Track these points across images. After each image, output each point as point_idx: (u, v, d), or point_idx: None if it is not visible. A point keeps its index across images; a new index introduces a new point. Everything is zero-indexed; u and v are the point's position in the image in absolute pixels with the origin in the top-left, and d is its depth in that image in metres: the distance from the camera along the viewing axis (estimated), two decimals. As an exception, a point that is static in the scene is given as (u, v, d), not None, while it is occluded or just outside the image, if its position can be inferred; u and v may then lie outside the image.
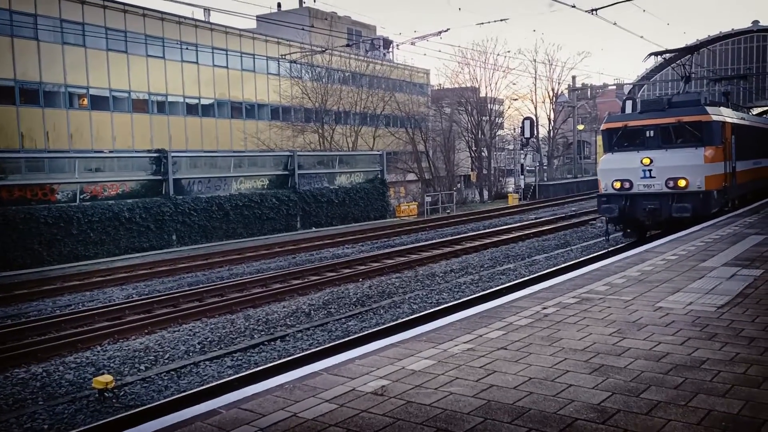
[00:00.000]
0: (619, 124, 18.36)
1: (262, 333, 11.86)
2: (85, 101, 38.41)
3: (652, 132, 17.56)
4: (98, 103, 38.86)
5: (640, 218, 17.67)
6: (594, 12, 19.22)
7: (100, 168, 26.97)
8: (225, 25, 46.23)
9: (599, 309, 7.28)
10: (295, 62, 45.51)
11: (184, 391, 8.72)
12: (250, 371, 9.24)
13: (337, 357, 5.90)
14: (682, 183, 16.80)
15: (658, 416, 4.19)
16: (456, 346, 6.06)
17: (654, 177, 17.23)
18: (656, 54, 24.45)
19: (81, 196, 24.13)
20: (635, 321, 6.66)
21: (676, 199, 16.86)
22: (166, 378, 9.53)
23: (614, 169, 17.97)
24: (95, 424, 7.64)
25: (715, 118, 17.30)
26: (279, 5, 58.80)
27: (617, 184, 17.77)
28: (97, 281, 18.06)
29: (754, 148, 22.27)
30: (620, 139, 18.25)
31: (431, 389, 4.90)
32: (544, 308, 7.46)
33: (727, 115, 18.72)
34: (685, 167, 16.87)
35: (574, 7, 20.54)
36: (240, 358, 10.39)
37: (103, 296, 16.24)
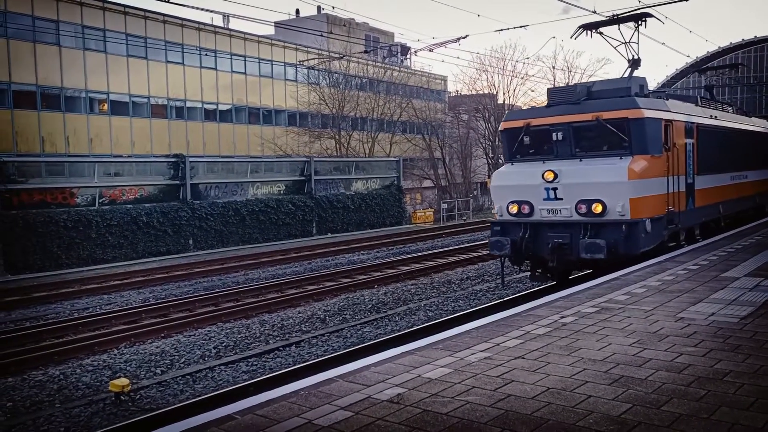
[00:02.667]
0: (520, 123, 13.01)
1: (277, 338, 11.85)
2: (105, 106, 38.83)
3: (560, 134, 12.39)
4: (118, 108, 39.26)
5: (544, 257, 12.58)
6: (615, 18, 19.01)
7: (119, 172, 27.25)
8: (244, 32, 46.58)
9: (619, 319, 7.17)
10: (312, 68, 45.73)
11: (199, 396, 8.72)
12: (265, 377, 9.22)
13: (352, 364, 5.86)
14: (597, 208, 11.68)
15: (680, 429, 4.10)
16: (473, 354, 5.99)
17: (561, 199, 12.14)
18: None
19: (100, 200, 24.36)
20: (656, 331, 6.55)
21: (590, 233, 11.74)
22: (181, 382, 9.54)
23: (509, 186, 12.90)
24: (111, 427, 7.65)
25: (648, 114, 11.99)
26: (297, 12, 59.14)
27: (513, 208, 12.69)
28: (114, 285, 18.18)
29: (732, 157, 16.99)
30: (522, 144, 13.10)
31: (448, 398, 4.84)
32: (562, 317, 7.36)
33: (679, 111, 13.51)
34: (601, 186, 11.69)
35: (594, 12, 20.37)
36: (255, 363, 10.37)
37: (120, 299, 16.34)
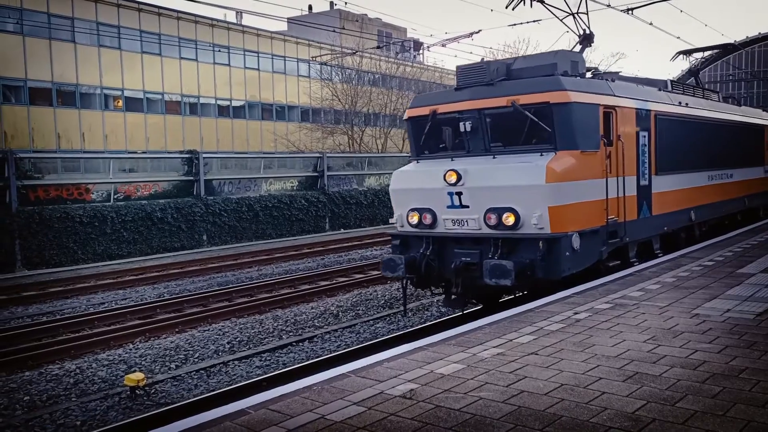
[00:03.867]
0: (425, 111, 10.47)
1: (291, 334, 11.89)
2: (120, 103, 39.10)
3: (469, 123, 9.90)
4: (132, 104, 39.51)
5: (451, 279, 10.04)
6: (630, 12, 18.79)
7: (134, 168, 27.42)
8: (257, 28, 46.70)
9: (633, 315, 7.13)
10: (325, 64, 45.72)
11: (213, 390, 8.78)
12: (278, 372, 9.27)
13: (365, 359, 5.88)
14: (508, 219, 9.27)
15: (695, 426, 4.08)
16: (486, 350, 5.99)
17: (467, 206, 9.67)
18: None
19: (115, 196, 24.53)
20: (671, 328, 6.51)
21: (500, 251, 9.31)
22: (195, 377, 9.60)
23: (409, 190, 10.46)
24: (127, 421, 7.73)
25: (577, 97, 9.49)
26: (310, 7, 59.20)
27: (414, 217, 10.25)
28: (129, 280, 18.32)
29: (711, 153, 14.42)
30: (429, 137, 10.60)
31: (460, 394, 4.84)
32: (576, 313, 7.33)
33: (628, 95, 11.06)
34: (513, 190, 9.23)
35: (609, 6, 20.19)
36: (268, 358, 10.42)
37: (135, 295, 16.47)
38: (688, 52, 18.33)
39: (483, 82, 10.09)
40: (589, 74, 11.35)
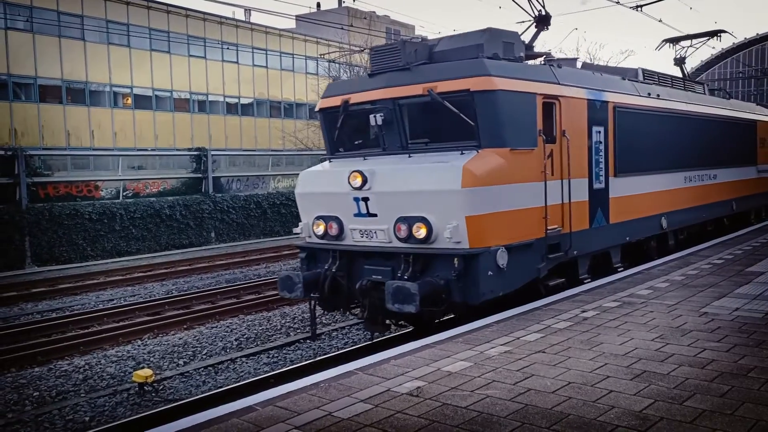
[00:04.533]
0: (337, 101, 9.04)
1: (298, 331, 11.92)
2: (129, 100, 39.25)
3: (381, 116, 8.44)
4: (141, 102, 39.66)
5: (360, 300, 8.64)
6: (639, 9, 18.62)
7: (143, 166, 27.54)
8: (265, 25, 46.73)
9: (641, 313, 7.11)
10: (333, 62, 45.72)
11: (221, 387, 8.81)
12: (286, 369, 9.29)
13: (372, 357, 5.89)
14: (420, 231, 7.81)
15: (703, 425, 4.06)
16: (493, 348, 5.98)
17: (375, 215, 8.29)
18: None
19: (124, 193, 24.66)
20: (679, 326, 6.48)
21: (412, 268, 7.90)
22: (203, 373, 9.64)
23: (314, 194, 9.07)
24: (135, 417, 7.77)
25: (505, 85, 8.04)
26: (318, 5, 59.17)
27: (319, 227, 8.85)
28: (138, 277, 18.41)
29: (689, 151, 12.80)
30: (343, 132, 9.27)
31: (467, 391, 4.84)
32: (584, 311, 7.32)
33: (578, 83, 9.52)
34: (424, 196, 7.82)
35: (618, 3, 20.05)
36: (276, 355, 10.45)
37: (144, 291, 16.55)
38: (674, 41, 16.79)
39: (398, 67, 8.50)
40: (538, 60, 9.90)
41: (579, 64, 11.58)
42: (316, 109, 9.67)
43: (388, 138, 8.61)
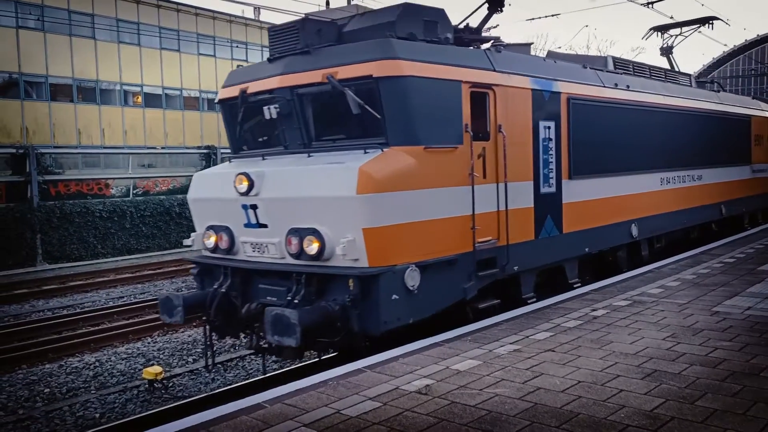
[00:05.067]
0: (235, 92, 7.81)
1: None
2: (139, 99, 39.42)
3: (276, 108, 7.35)
4: (151, 100, 39.81)
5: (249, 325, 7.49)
6: (650, 5, 18.43)
7: (153, 164, 27.67)
8: (274, 24, 46.80)
9: (652, 312, 7.06)
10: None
11: (230, 384, 8.83)
12: (295, 366, 9.30)
13: (381, 355, 5.88)
14: (311, 246, 6.62)
15: (715, 425, 4.02)
16: (502, 347, 5.96)
17: (265, 226, 7.11)
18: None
19: (134, 191, 24.78)
20: (690, 325, 6.43)
21: (304, 291, 6.64)
22: (213, 370, 9.66)
23: (205, 200, 7.92)
24: (145, 414, 7.79)
25: (416, 70, 6.81)
26: (327, 2, 59.20)
27: (210, 238, 7.69)
28: (148, 274, 18.49)
29: (666, 149, 11.52)
30: (246, 128, 8.09)
31: (476, 390, 4.82)
32: (594, 310, 7.28)
33: (520, 70, 8.26)
34: (315, 204, 6.66)
35: (629, 0, 19.98)
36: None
37: (153, 289, 16.62)
38: (663, 29, 15.54)
39: (298, 50, 7.25)
40: (484, 47, 8.35)
41: (546, 54, 10.69)
42: (216, 100, 8.53)
43: (288, 134, 7.35)
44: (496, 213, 7.65)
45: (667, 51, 15.47)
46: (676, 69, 14.75)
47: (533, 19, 36.63)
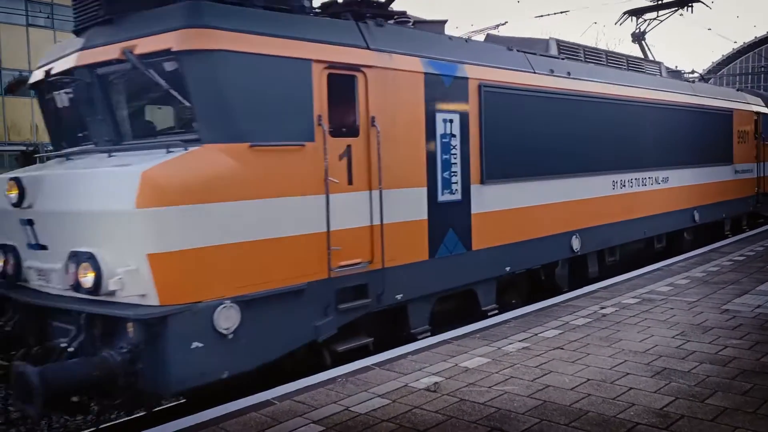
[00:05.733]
0: (41, 73, 6.22)
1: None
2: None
3: (68, 94, 6.02)
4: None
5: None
6: (660, 3, 18.32)
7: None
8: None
9: (662, 310, 7.04)
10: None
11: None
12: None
13: (389, 352, 5.88)
14: (87, 276, 4.89)
15: (725, 423, 4.01)
16: (511, 344, 5.95)
17: (45, 247, 5.51)
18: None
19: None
20: (700, 323, 6.41)
21: (85, 335, 4.93)
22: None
23: None
24: (156, 408, 7.81)
25: (236, 43, 5.28)
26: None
27: None
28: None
29: (617, 145, 9.84)
30: (60, 117, 6.48)
31: (485, 387, 4.82)
32: (602, 308, 7.26)
33: (407, 49, 6.71)
34: (90, 219, 5.09)
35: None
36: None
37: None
38: (637, 12, 14.22)
39: (100, 18, 5.71)
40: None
41: (485, 37, 9.47)
42: (27, 84, 6.93)
43: (94, 127, 5.79)
44: (368, 228, 6.13)
45: (639, 37, 13.89)
46: (651, 57, 13.34)
47: (542, 16, 36.57)
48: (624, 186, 10.03)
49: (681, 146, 11.57)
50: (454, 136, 7.08)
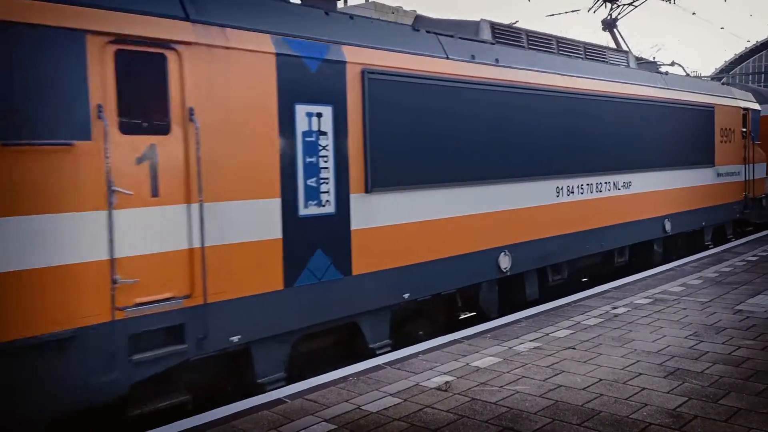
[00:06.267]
0: None
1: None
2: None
3: None
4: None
5: None
6: (671, 0, 18.22)
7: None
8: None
9: (674, 310, 7.00)
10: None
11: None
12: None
13: (400, 351, 5.89)
14: None
15: (738, 424, 3.99)
16: (522, 344, 5.94)
17: None
18: None
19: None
20: (713, 324, 6.37)
21: None
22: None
23: None
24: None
25: None
26: (345, 0, 59.29)
27: None
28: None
29: (563, 145, 8.43)
30: None
31: (496, 387, 4.81)
32: (614, 308, 7.23)
33: (255, 23, 5.33)
34: None
35: (650, -5, 19.68)
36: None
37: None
38: None
39: None
40: None
41: (414, 18, 8.40)
42: None
43: None
44: (186, 253, 4.81)
45: (610, 24, 12.36)
46: (625, 47, 12.00)
47: (553, 15, 36.44)
48: (572, 193, 8.60)
49: (649, 146, 10.10)
50: (324, 134, 5.67)
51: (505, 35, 8.21)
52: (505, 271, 7.45)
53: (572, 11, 21.07)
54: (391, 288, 6.23)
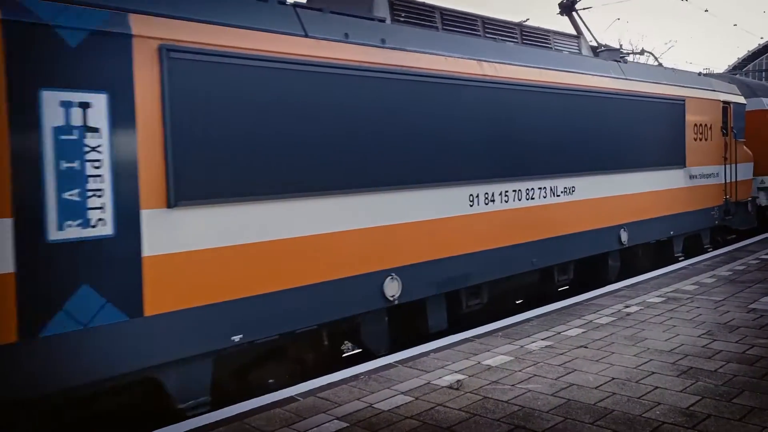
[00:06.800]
0: None
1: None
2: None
3: None
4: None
5: None
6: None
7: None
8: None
9: (687, 309, 6.96)
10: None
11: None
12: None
13: (412, 350, 5.89)
14: None
15: (753, 423, 3.96)
16: (533, 342, 5.93)
17: None
18: None
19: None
20: (726, 323, 6.33)
21: None
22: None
23: None
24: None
25: None
26: None
27: None
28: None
29: (501, 144, 7.29)
30: None
31: (508, 386, 4.81)
32: (627, 307, 7.20)
33: None
34: None
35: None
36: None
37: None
38: None
39: None
40: None
41: None
42: None
43: None
44: None
45: (568, 8, 10.60)
46: (588, 34, 10.33)
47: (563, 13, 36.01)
48: (492, 201, 7.20)
49: (599, 146, 8.77)
50: (93, 130, 4.27)
51: (410, 12, 6.89)
52: (392, 299, 6.09)
53: (583, 9, 20.85)
54: (212, 329, 4.82)
